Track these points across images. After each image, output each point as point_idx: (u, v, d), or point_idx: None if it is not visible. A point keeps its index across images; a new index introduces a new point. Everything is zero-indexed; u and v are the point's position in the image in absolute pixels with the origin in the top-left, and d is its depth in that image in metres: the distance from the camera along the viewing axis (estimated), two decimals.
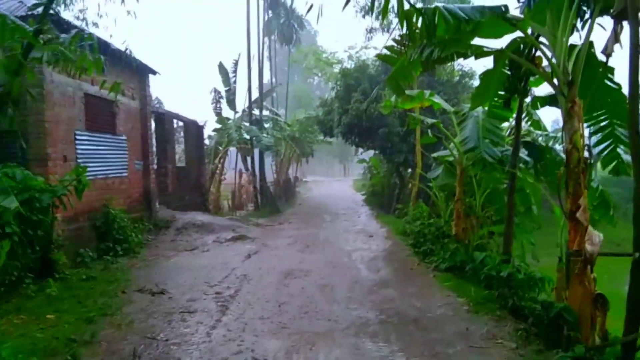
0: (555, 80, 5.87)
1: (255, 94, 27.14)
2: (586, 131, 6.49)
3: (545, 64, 6.36)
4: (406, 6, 5.15)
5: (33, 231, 8.35)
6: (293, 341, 5.86)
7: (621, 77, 6.83)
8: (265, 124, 28.73)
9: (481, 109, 8.85)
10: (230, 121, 24.51)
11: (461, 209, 10.02)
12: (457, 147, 9.81)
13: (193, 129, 21.62)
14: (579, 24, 6.15)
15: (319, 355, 5.46)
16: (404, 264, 10.45)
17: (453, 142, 10.06)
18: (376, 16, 16.93)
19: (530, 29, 6.03)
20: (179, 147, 23.88)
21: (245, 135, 23.13)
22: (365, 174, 39.71)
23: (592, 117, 7.06)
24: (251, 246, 13.07)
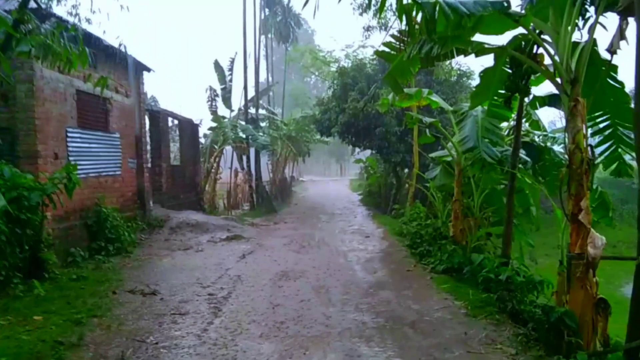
0: (558, 78, 5.71)
1: (252, 93, 26.99)
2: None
3: (547, 62, 6.19)
4: (405, 0, 4.98)
5: (22, 230, 8.16)
6: (286, 345, 5.69)
7: (623, 75, 6.74)
8: (261, 123, 28.53)
9: (480, 108, 8.69)
10: (226, 120, 24.29)
11: (459, 210, 9.88)
12: (456, 146, 9.66)
13: (188, 127, 21.42)
14: (581, 21, 6.01)
15: None
16: (400, 265, 10.29)
17: (451, 141, 9.91)
18: (374, 14, 16.76)
19: (532, 25, 5.87)
20: (174, 145, 23.66)
21: (241, 134, 22.93)
22: (361, 173, 39.61)
23: (592, 117, 6.92)
24: (246, 246, 12.89)
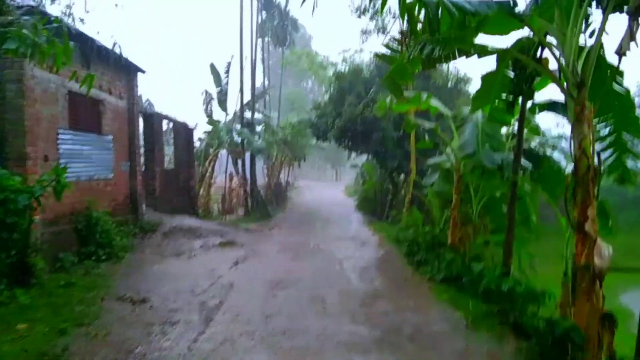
0: (563, 81, 5.53)
1: (248, 96, 26.73)
2: None
3: (552, 66, 6.01)
4: None
5: (8, 234, 7.89)
6: (279, 359, 5.45)
7: (628, 82, 6.56)
8: (257, 127, 28.29)
9: (480, 112, 8.50)
10: (221, 123, 24.06)
11: (458, 217, 9.66)
12: (455, 152, 9.46)
13: (183, 130, 21.15)
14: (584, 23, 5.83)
15: None
16: (397, 273, 10.06)
17: (450, 147, 9.71)
18: (371, 17, 16.58)
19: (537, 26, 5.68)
20: (169, 149, 23.40)
21: (237, 138, 22.70)
22: (357, 179, 39.33)
23: (596, 122, 6.74)
24: (239, 252, 12.63)
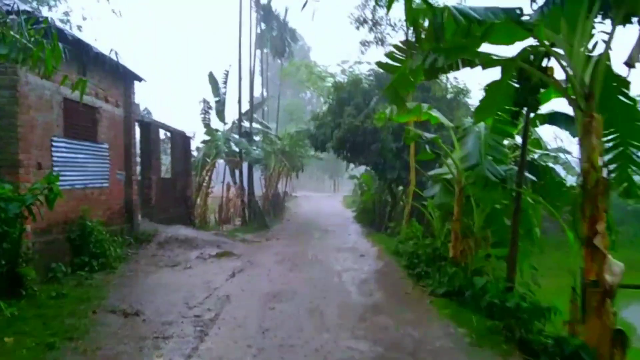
0: (570, 92, 5.38)
1: (246, 106, 26.63)
2: None
3: (559, 76, 5.86)
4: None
5: None
6: None
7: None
8: (255, 137, 28.15)
9: (483, 124, 8.36)
10: (219, 133, 23.91)
11: (459, 230, 9.46)
12: (456, 164, 9.30)
13: (180, 139, 21.01)
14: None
15: None
16: (397, 287, 9.84)
17: (452, 159, 9.55)
18: (370, 28, 16.53)
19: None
20: (166, 158, 23.23)
21: (234, 147, 22.53)
22: (355, 190, 39.19)
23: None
24: (236, 263, 12.40)
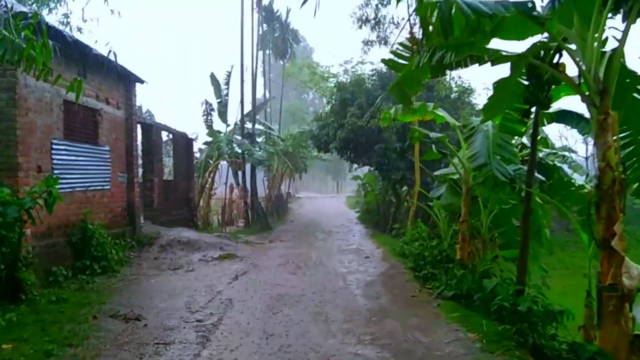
0: (584, 89, 5.20)
1: (248, 108, 26.50)
2: None
3: (571, 73, 5.68)
4: None
5: None
6: None
7: None
8: (257, 138, 28.02)
9: (490, 122, 8.17)
10: (221, 134, 23.78)
11: (467, 231, 9.27)
12: (464, 164, 9.11)
13: (182, 141, 20.88)
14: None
15: None
16: (404, 289, 9.64)
17: (459, 158, 9.36)
18: (373, 27, 16.34)
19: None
20: (169, 160, 23.11)
21: (237, 149, 22.38)
22: (358, 191, 39.03)
23: None
24: (239, 266, 12.24)
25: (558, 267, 18.01)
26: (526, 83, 6.34)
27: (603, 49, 5.39)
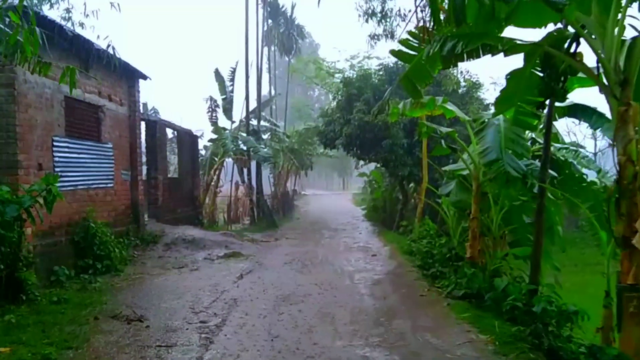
0: (602, 79, 4.94)
1: (253, 104, 26.28)
2: None
3: (588, 63, 5.41)
4: None
5: None
6: None
7: None
8: (263, 135, 27.80)
9: (502, 116, 7.91)
10: (226, 131, 23.58)
11: (477, 229, 9.01)
12: (474, 159, 8.85)
13: (187, 138, 20.68)
14: None
15: None
16: (412, 288, 9.41)
17: (469, 153, 9.10)
18: (379, 20, 16.04)
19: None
20: (174, 158, 22.96)
21: (242, 145, 22.15)
22: (365, 187, 38.77)
23: None
24: (244, 265, 12.04)
25: (567, 264, 17.75)
26: (540, 74, 6.09)
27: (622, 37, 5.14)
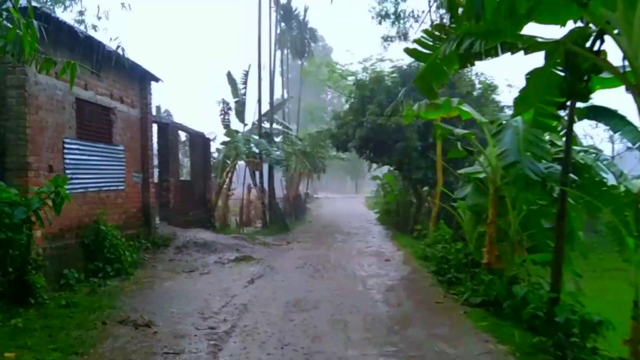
0: (631, 78, 4.69)
1: (266, 107, 26.20)
2: None
3: (614, 62, 5.16)
4: None
5: (2, 251, 7.30)
6: None
7: None
8: (275, 138, 27.69)
9: (520, 118, 7.65)
10: (239, 134, 23.51)
11: (494, 234, 8.74)
12: (491, 162, 8.60)
13: (199, 141, 20.62)
14: None
15: None
16: (427, 295, 9.16)
17: (485, 155, 8.85)
18: (393, 22, 15.86)
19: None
20: (187, 161, 22.91)
21: (254, 148, 22.04)
22: (378, 191, 38.49)
23: None
24: (255, 269, 11.87)
25: (585, 269, 17.36)
26: (562, 74, 5.84)
27: None
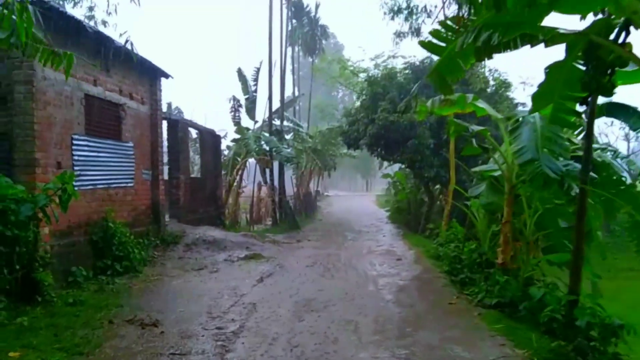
0: None
1: (277, 104, 26.06)
2: None
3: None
4: None
5: (9, 248, 7.20)
6: None
7: None
8: (286, 135, 27.55)
9: (537, 114, 7.41)
10: (249, 131, 23.39)
11: (509, 233, 8.51)
12: (507, 159, 8.37)
13: (209, 138, 20.51)
14: None
15: None
16: (440, 296, 8.94)
17: (501, 153, 8.62)
18: (405, 17, 15.62)
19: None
20: (197, 157, 22.84)
21: (265, 146, 21.91)
22: (389, 189, 38.27)
23: None
24: (265, 267, 11.73)
25: (600, 270, 17.07)
26: (583, 68, 5.60)
27: None
